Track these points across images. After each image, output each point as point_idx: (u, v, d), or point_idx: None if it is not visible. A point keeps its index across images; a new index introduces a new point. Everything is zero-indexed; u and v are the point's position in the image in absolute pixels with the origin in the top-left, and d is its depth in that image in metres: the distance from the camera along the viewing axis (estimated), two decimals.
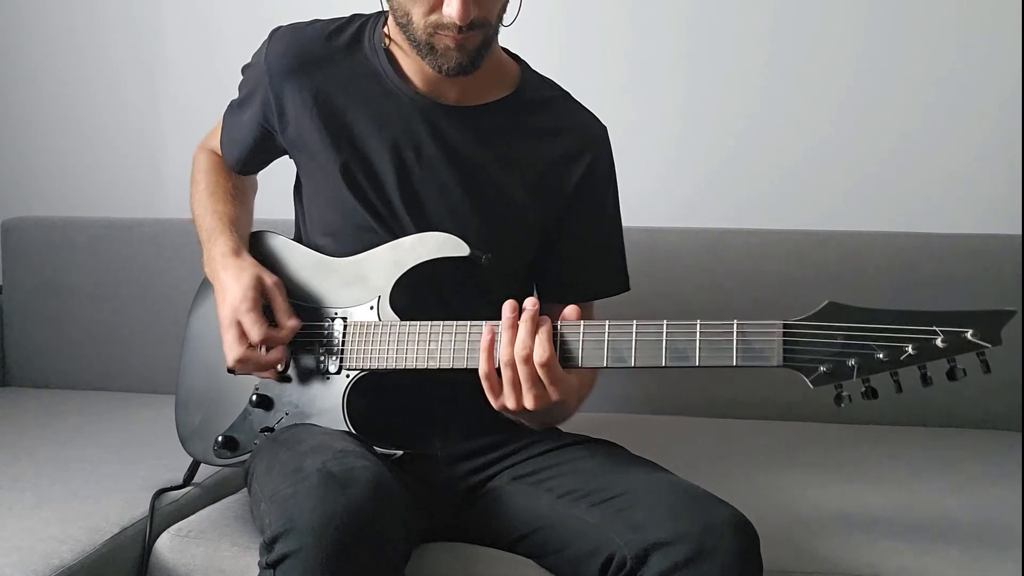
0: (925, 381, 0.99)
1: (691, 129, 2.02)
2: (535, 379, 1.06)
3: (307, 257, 1.28)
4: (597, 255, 1.32)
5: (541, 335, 1.06)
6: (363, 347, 1.19)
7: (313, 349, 1.22)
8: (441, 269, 1.20)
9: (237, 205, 1.35)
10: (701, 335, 1.04)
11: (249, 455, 1.23)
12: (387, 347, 1.17)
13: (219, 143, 1.40)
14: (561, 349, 1.08)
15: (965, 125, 1.92)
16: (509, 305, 1.09)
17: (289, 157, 1.33)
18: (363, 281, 1.22)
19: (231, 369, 1.22)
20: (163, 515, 1.32)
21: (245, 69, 1.33)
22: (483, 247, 1.18)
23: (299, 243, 1.31)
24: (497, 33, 1.19)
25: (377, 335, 1.18)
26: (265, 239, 1.32)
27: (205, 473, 1.43)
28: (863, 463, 1.54)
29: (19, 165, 2.29)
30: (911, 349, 0.98)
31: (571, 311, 1.10)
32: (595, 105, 1.32)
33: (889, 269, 1.79)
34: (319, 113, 1.23)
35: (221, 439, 1.25)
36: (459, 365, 1.13)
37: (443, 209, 1.23)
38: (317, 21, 1.29)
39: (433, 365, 1.15)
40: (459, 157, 1.23)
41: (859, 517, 1.31)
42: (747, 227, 1.89)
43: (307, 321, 1.23)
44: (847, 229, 1.86)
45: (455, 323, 1.14)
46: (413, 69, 1.22)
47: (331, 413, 1.20)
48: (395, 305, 1.20)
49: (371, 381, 1.20)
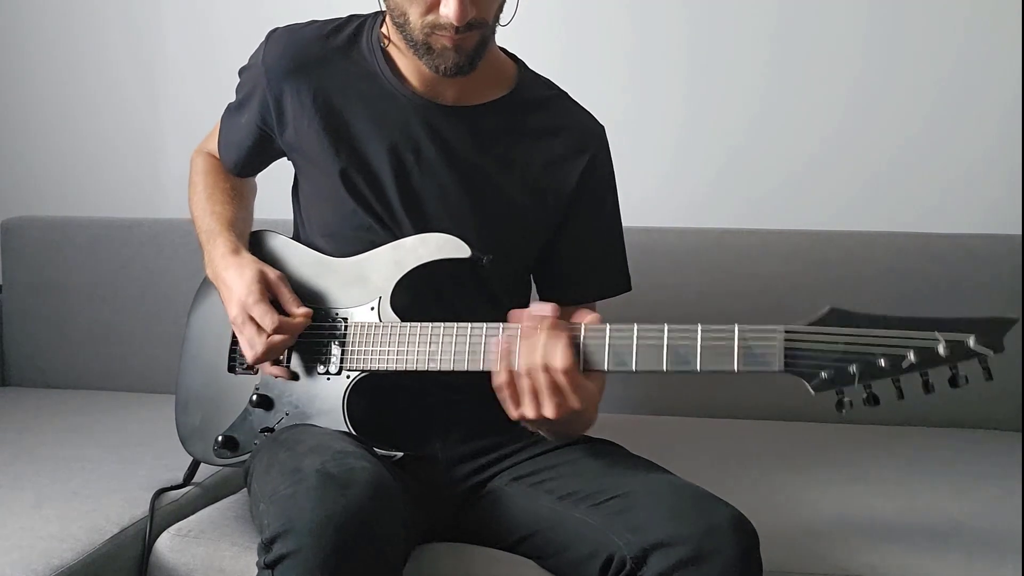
0: (927, 388, 0.99)
1: (692, 130, 2.02)
2: (555, 387, 1.05)
3: (308, 257, 1.27)
4: (597, 255, 1.31)
5: (562, 341, 1.05)
6: (364, 348, 1.19)
7: (314, 349, 1.22)
8: (442, 270, 1.20)
9: (236, 205, 1.35)
10: (702, 340, 1.04)
11: (249, 455, 1.23)
12: (388, 348, 1.17)
13: (217, 146, 1.40)
14: (585, 354, 1.07)
15: (965, 126, 1.92)
16: (526, 314, 1.08)
17: (287, 159, 1.33)
18: (364, 282, 1.22)
19: (247, 367, 1.22)
20: (163, 515, 1.32)
21: (242, 71, 1.33)
22: (483, 248, 1.18)
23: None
24: (494, 33, 1.18)
25: (378, 336, 1.18)
26: (266, 239, 1.32)
27: (205, 473, 1.43)
28: (863, 463, 1.54)
29: (19, 165, 2.29)
30: (913, 356, 0.98)
31: (593, 317, 1.09)
32: (595, 105, 1.32)
33: (890, 269, 1.79)
34: (318, 114, 1.23)
35: (221, 439, 1.25)
36: (460, 367, 1.13)
37: (442, 210, 1.22)
38: (314, 22, 1.28)
39: (434, 367, 1.14)
40: (457, 158, 1.23)
41: (859, 517, 1.31)
42: (748, 227, 1.88)
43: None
44: (848, 229, 1.86)
45: (456, 325, 1.14)
46: (411, 69, 1.22)
47: (331, 414, 1.20)
48: (396, 306, 1.20)
49: (371, 382, 1.20)
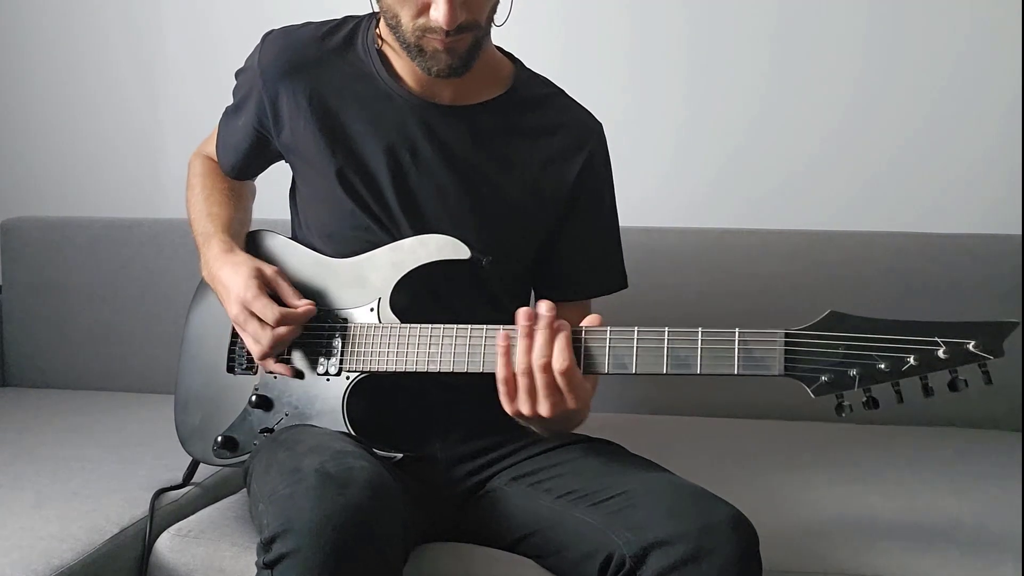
0: (926, 392, 0.99)
1: (692, 130, 2.02)
2: (553, 387, 1.05)
3: (307, 257, 1.27)
4: (595, 253, 1.31)
5: (560, 342, 1.05)
6: (363, 349, 1.19)
7: (313, 350, 1.22)
8: (441, 271, 1.19)
9: (232, 207, 1.35)
10: (703, 343, 1.04)
11: (248, 455, 1.23)
12: (387, 349, 1.17)
13: (215, 149, 1.39)
14: (585, 355, 1.07)
15: (965, 126, 1.92)
16: (524, 313, 1.08)
17: (285, 161, 1.33)
18: (363, 283, 1.22)
19: (246, 367, 1.22)
20: (163, 515, 1.32)
21: (238, 74, 1.32)
22: (482, 249, 1.18)
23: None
24: (488, 34, 1.18)
25: (377, 337, 1.18)
26: (264, 239, 1.32)
27: (205, 473, 1.43)
28: (863, 463, 1.54)
29: (19, 165, 2.29)
30: (912, 360, 0.98)
31: (593, 319, 1.09)
32: (595, 105, 1.32)
33: (889, 269, 1.79)
34: (314, 116, 1.23)
35: (220, 439, 1.25)
36: (459, 368, 1.13)
37: (440, 210, 1.22)
38: (309, 23, 1.28)
39: (433, 368, 1.14)
40: (455, 157, 1.22)
41: (859, 517, 1.31)
42: (748, 227, 1.88)
43: (307, 321, 1.22)
44: (848, 229, 1.86)
45: (455, 326, 1.14)
46: (406, 70, 1.22)
47: (331, 415, 1.20)
48: (395, 307, 1.20)
49: (371, 383, 1.20)
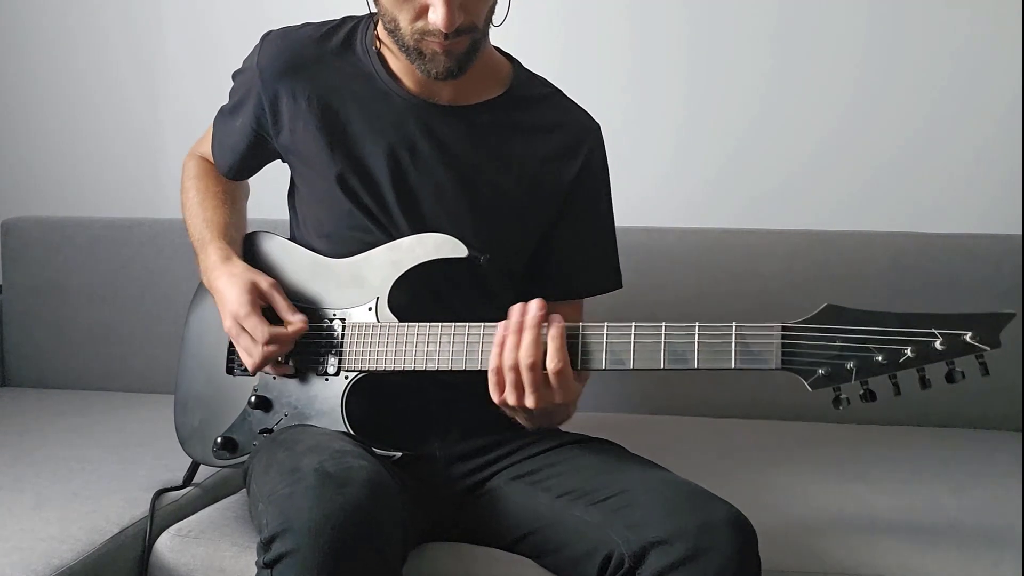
0: (924, 384, 0.99)
1: (691, 130, 2.02)
2: (539, 384, 1.06)
3: (304, 258, 1.27)
4: (590, 252, 1.31)
5: (554, 343, 1.05)
6: (361, 348, 1.19)
7: (312, 350, 1.22)
8: (439, 270, 1.19)
9: (228, 209, 1.35)
10: (700, 338, 1.04)
11: (248, 456, 1.23)
12: (385, 348, 1.17)
13: (209, 150, 1.39)
14: (582, 352, 1.07)
15: (965, 126, 1.92)
16: (516, 309, 1.08)
17: (283, 161, 1.33)
18: (361, 282, 1.22)
19: (245, 369, 1.22)
20: (163, 515, 1.32)
21: (236, 75, 1.32)
22: (481, 247, 1.18)
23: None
24: (486, 35, 1.18)
25: (375, 336, 1.18)
26: (262, 240, 1.32)
27: (205, 473, 1.43)
28: (863, 463, 1.54)
29: (19, 165, 2.29)
30: (910, 352, 0.98)
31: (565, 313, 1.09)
32: (595, 105, 1.32)
33: (889, 269, 1.79)
34: (313, 116, 1.23)
35: (220, 440, 1.25)
36: (458, 367, 1.13)
37: (439, 210, 1.22)
38: (308, 24, 1.28)
39: (432, 367, 1.14)
40: (454, 157, 1.23)
41: (859, 517, 1.31)
42: (747, 227, 1.88)
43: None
44: (848, 229, 1.86)
45: (453, 324, 1.14)
46: (405, 71, 1.22)
47: (330, 414, 1.20)
48: (393, 306, 1.20)
49: (370, 382, 1.20)
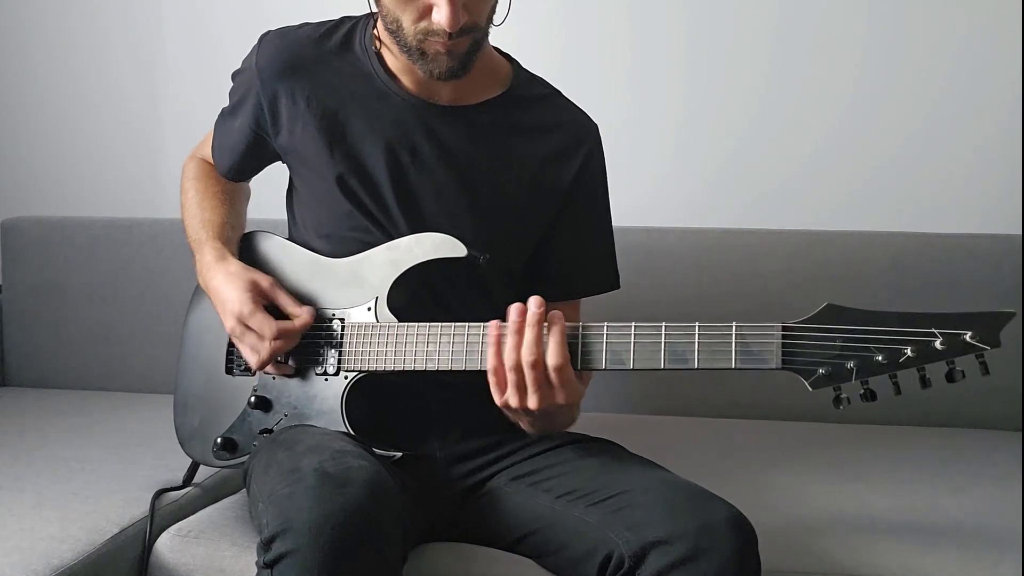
0: (924, 383, 0.99)
1: (691, 130, 2.02)
2: (542, 382, 1.06)
3: (304, 258, 1.27)
4: (588, 252, 1.31)
5: (555, 339, 1.05)
6: (361, 348, 1.19)
7: (311, 350, 1.22)
8: (438, 270, 1.19)
9: (226, 210, 1.34)
10: (700, 338, 1.04)
11: (248, 456, 1.23)
12: (385, 348, 1.17)
13: (210, 152, 1.39)
14: (582, 352, 1.07)
15: (965, 126, 1.92)
16: (516, 308, 1.08)
17: (282, 162, 1.33)
18: (360, 282, 1.22)
19: (245, 369, 1.22)
20: (163, 515, 1.32)
21: (235, 75, 1.32)
22: (480, 247, 1.18)
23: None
24: (487, 35, 1.18)
25: (375, 336, 1.18)
26: (261, 240, 1.32)
27: (205, 473, 1.43)
28: (863, 463, 1.54)
29: (19, 165, 2.29)
30: (910, 351, 0.98)
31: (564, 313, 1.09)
32: (595, 105, 1.32)
33: (889, 269, 1.79)
34: (312, 116, 1.23)
35: (220, 441, 1.25)
36: (457, 366, 1.13)
37: (439, 209, 1.22)
38: (306, 24, 1.28)
39: (431, 366, 1.14)
40: (454, 157, 1.23)
41: (859, 517, 1.31)
42: (747, 227, 1.88)
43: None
44: (848, 229, 1.86)
45: (453, 324, 1.14)
46: (404, 71, 1.22)
47: (330, 415, 1.20)
48: (392, 306, 1.20)
49: (369, 382, 1.20)
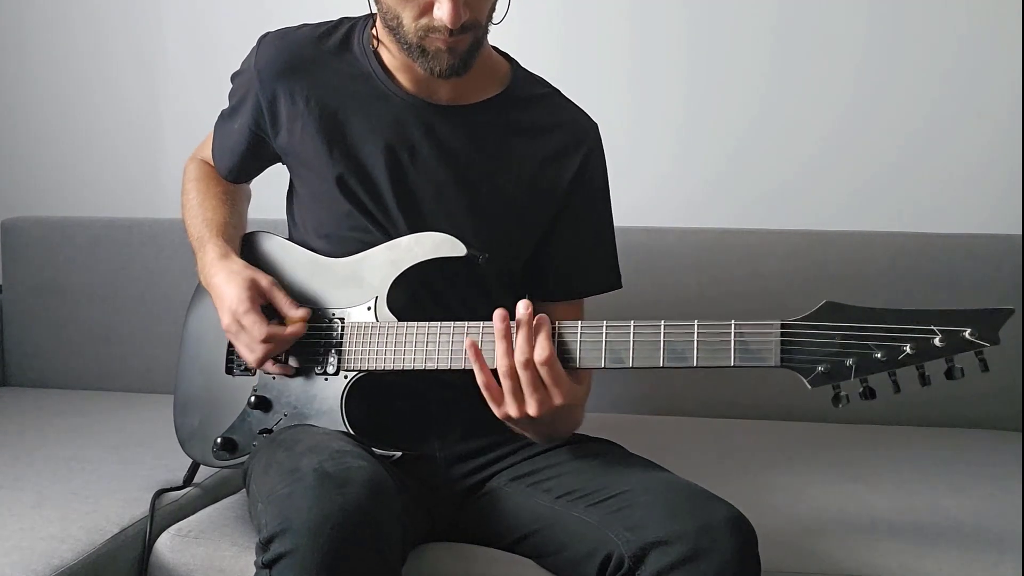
0: (923, 381, 0.98)
1: (691, 130, 2.02)
2: (536, 383, 1.06)
3: (303, 258, 1.27)
4: (590, 252, 1.31)
5: (539, 335, 1.05)
6: (361, 348, 1.19)
7: (311, 350, 1.22)
8: (438, 269, 1.19)
9: (227, 210, 1.34)
10: (699, 336, 1.04)
11: (248, 456, 1.23)
12: (385, 348, 1.17)
13: (210, 154, 1.39)
14: (560, 349, 1.07)
15: (965, 126, 1.92)
16: (499, 315, 1.08)
17: (282, 163, 1.33)
18: (360, 282, 1.22)
19: (244, 369, 1.22)
20: (163, 515, 1.32)
21: (234, 77, 1.32)
22: (480, 246, 1.18)
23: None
24: (487, 33, 1.18)
25: (374, 336, 1.18)
26: (261, 240, 1.32)
27: (205, 473, 1.43)
28: (863, 463, 1.54)
29: (19, 165, 2.29)
30: (909, 348, 0.98)
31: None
32: (596, 105, 1.32)
33: (889, 269, 1.79)
34: (312, 117, 1.23)
35: (220, 441, 1.25)
36: (457, 366, 1.13)
37: (438, 209, 1.22)
38: (305, 25, 1.28)
39: (431, 366, 1.14)
40: (453, 156, 1.23)
41: (859, 517, 1.31)
42: (747, 227, 1.88)
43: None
44: (848, 229, 1.86)
45: (452, 324, 1.14)
46: (403, 70, 1.22)
47: (330, 414, 1.20)
48: (392, 305, 1.20)
49: (369, 382, 1.20)
